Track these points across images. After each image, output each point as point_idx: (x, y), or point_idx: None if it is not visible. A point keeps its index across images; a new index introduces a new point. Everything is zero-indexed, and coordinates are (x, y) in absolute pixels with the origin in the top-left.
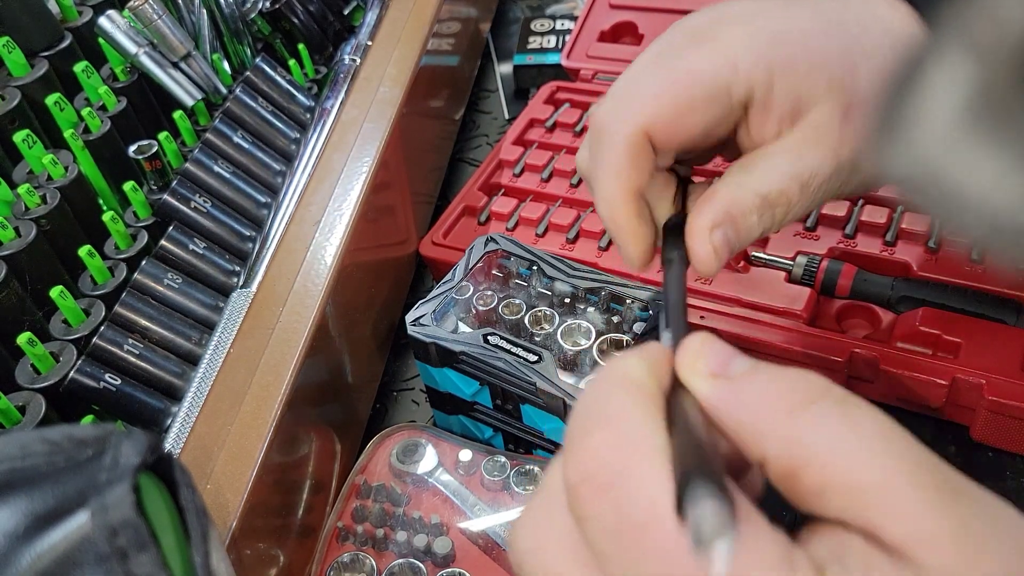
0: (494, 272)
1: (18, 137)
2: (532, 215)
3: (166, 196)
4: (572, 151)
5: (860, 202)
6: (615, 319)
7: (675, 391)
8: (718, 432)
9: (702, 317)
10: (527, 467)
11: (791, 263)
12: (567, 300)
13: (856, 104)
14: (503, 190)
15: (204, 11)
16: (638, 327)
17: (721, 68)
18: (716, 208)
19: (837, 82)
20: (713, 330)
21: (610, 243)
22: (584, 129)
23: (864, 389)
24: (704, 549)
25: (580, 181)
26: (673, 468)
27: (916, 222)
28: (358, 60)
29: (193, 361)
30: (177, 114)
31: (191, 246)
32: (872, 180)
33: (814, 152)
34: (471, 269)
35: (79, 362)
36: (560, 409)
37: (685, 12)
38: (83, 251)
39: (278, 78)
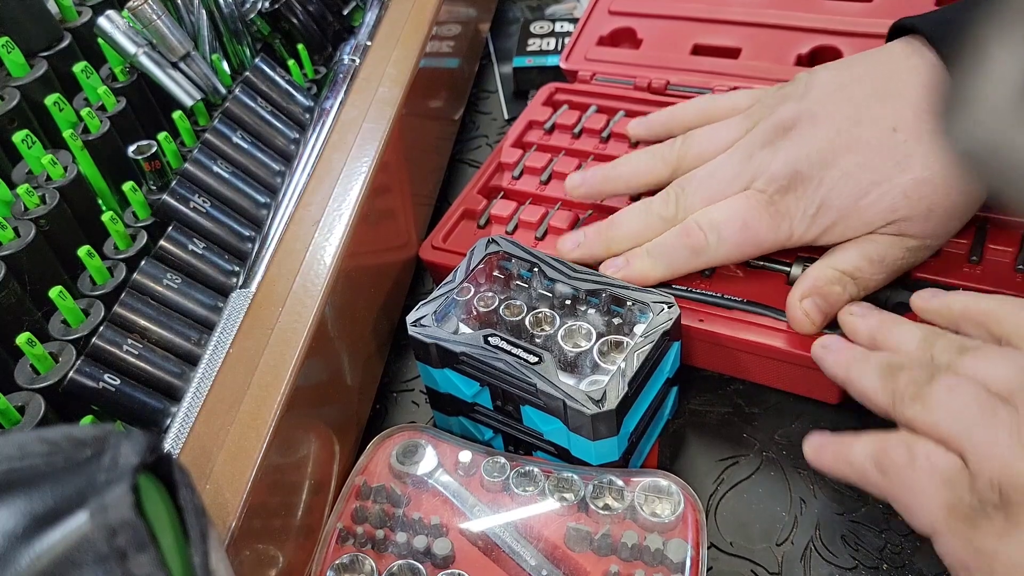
0: (495, 274)
1: (17, 137)
2: (532, 218)
3: (165, 196)
4: (571, 153)
5: None
6: (616, 321)
7: None
8: None
9: (701, 320)
10: (527, 468)
11: (788, 267)
12: (568, 302)
13: (908, 218)
14: (503, 193)
15: (203, 11)
16: (639, 329)
17: (781, 239)
18: (805, 283)
19: (886, 212)
20: (711, 333)
21: None
22: (583, 131)
23: None
24: None
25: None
26: None
27: None
28: (357, 60)
29: (192, 361)
30: (176, 114)
31: (190, 246)
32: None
33: (880, 241)
34: (472, 271)
35: (78, 362)
36: (560, 411)
37: (684, 20)
38: (82, 251)
39: (277, 78)
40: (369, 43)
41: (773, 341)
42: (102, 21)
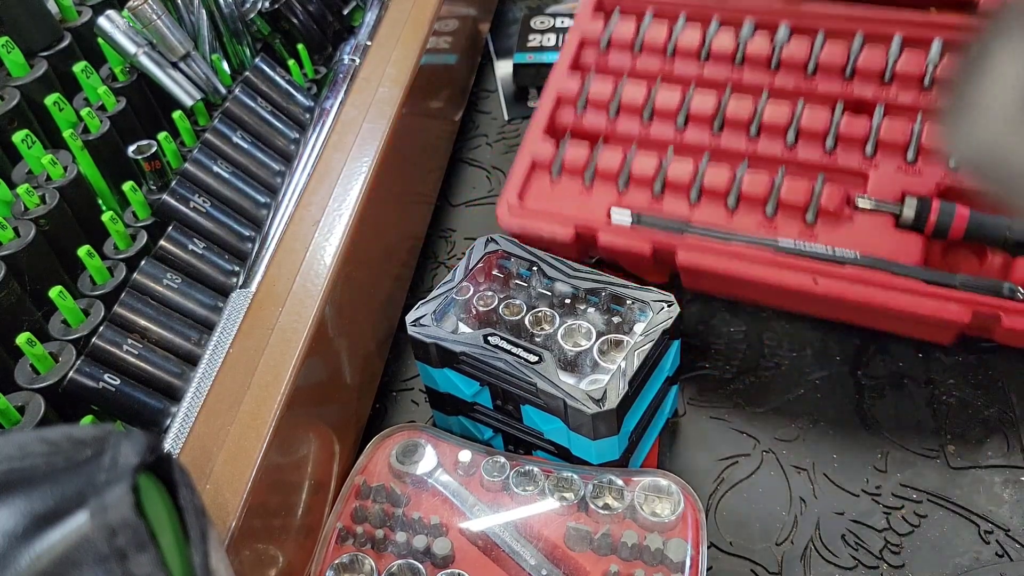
0: (494, 273)
1: (17, 137)
2: (611, 165)
3: (165, 196)
4: (635, 75)
5: None
6: (616, 320)
7: None
8: None
9: (816, 282)
10: (527, 468)
11: (899, 206)
12: (568, 301)
13: None
14: (569, 132)
15: (203, 11)
16: (639, 328)
17: None
18: None
19: None
20: (830, 296)
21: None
22: (643, 47)
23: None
24: None
25: (654, 115)
26: None
27: None
28: (357, 60)
29: (192, 361)
30: (176, 114)
31: (190, 246)
32: None
33: None
34: (471, 269)
35: (78, 362)
36: (561, 410)
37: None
38: (82, 251)
39: (277, 78)
40: (369, 43)
41: (892, 300)
42: (102, 21)
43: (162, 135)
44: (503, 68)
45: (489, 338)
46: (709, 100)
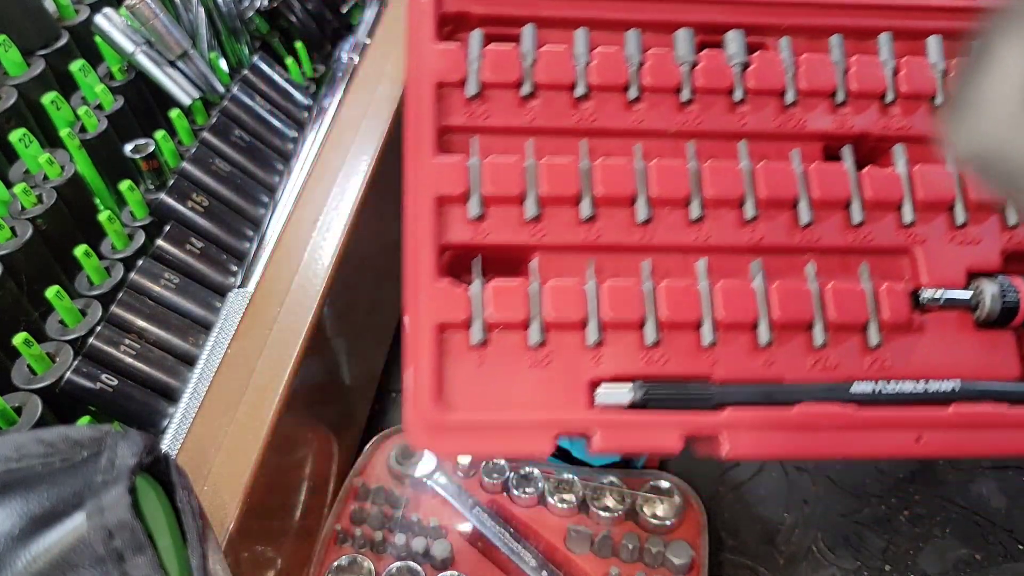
0: None
1: (14, 136)
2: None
3: (163, 195)
4: (545, 134)
5: None
6: None
7: None
8: None
9: (918, 439)
10: (526, 470)
11: (973, 295)
12: None
13: None
14: (480, 256)
15: (202, 9)
16: None
17: None
18: None
19: None
20: (928, 454)
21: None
22: (537, 87)
23: None
24: None
25: (596, 205)
26: None
27: None
28: (356, 58)
29: (190, 361)
30: (174, 113)
31: (188, 246)
32: None
33: None
34: None
35: (76, 363)
36: None
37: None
38: (79, 251)
39: (276, 77)
40: (368, 41)
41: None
42: (99, 19)
43: (160, 134)
44: None
45: None
46: (675, 168)
